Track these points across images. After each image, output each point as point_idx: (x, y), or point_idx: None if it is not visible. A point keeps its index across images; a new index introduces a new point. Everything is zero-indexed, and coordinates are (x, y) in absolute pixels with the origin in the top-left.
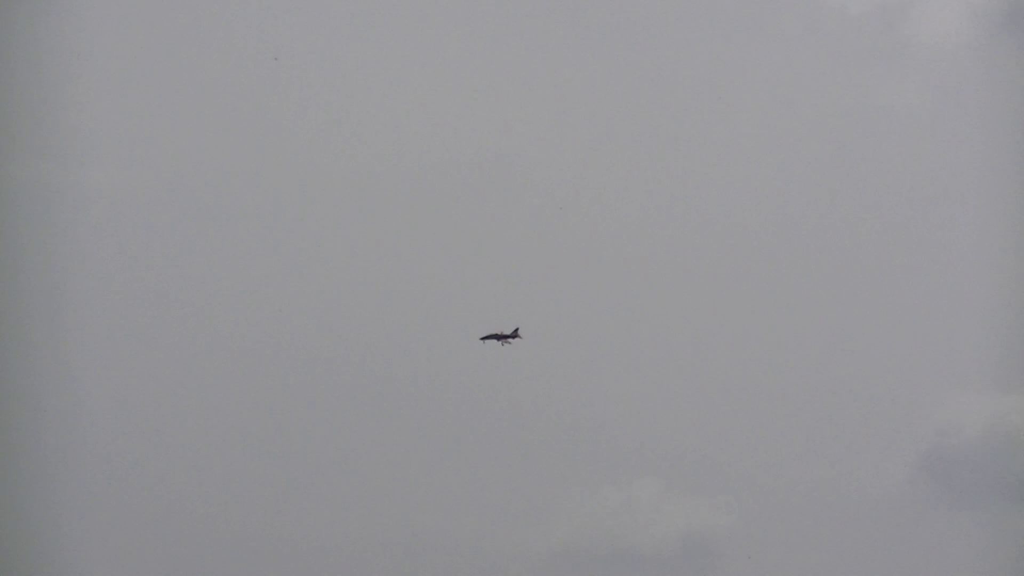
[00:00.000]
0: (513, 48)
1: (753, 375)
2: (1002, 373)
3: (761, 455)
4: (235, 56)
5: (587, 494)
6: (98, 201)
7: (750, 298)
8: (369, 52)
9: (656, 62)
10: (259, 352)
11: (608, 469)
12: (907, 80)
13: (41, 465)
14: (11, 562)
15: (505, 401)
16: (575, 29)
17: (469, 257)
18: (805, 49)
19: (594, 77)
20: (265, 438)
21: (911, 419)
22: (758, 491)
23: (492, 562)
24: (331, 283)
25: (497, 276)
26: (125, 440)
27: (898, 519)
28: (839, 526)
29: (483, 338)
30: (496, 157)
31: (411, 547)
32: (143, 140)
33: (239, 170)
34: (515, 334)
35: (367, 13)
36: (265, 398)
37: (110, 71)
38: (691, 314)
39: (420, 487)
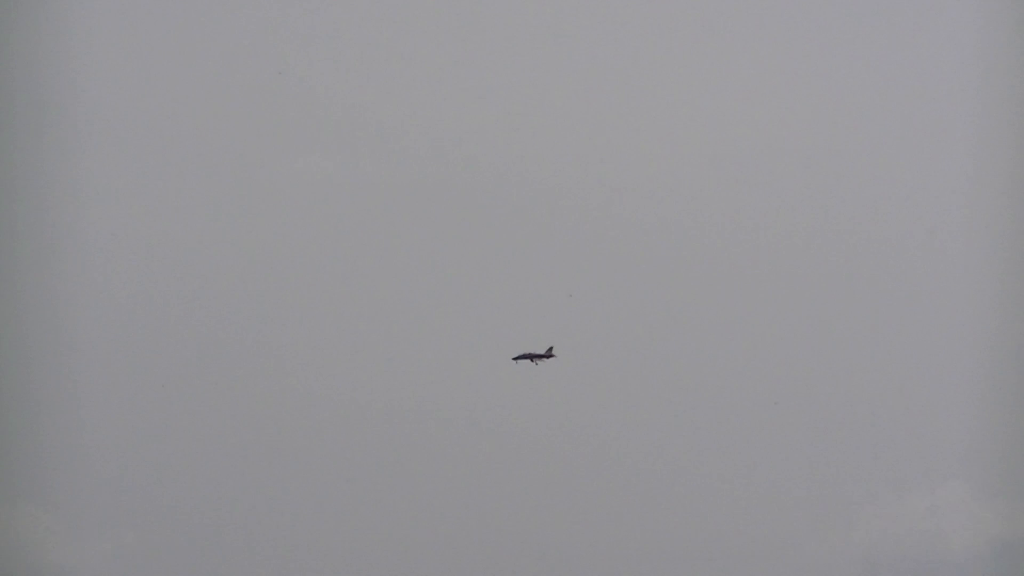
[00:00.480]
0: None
1: None
2: None
3: None
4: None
5: (891, 499)
6: (101, 205)
7: None
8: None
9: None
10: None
11: (912, 473)
12: None
13: (41, 465)
14: (13, 561)
15: (806, 402)
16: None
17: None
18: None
19: (655, 79)
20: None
21: None
22: None
23: (792, 569)
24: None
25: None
26: (125, 443)
27: None
28: None
29: (515, 358)
30: (532, 167)
31: (712, 549)
32: (153, 148)
33: (244, 179)
34: (549, 354)
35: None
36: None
37: (118, 74)
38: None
39: (722, 489)
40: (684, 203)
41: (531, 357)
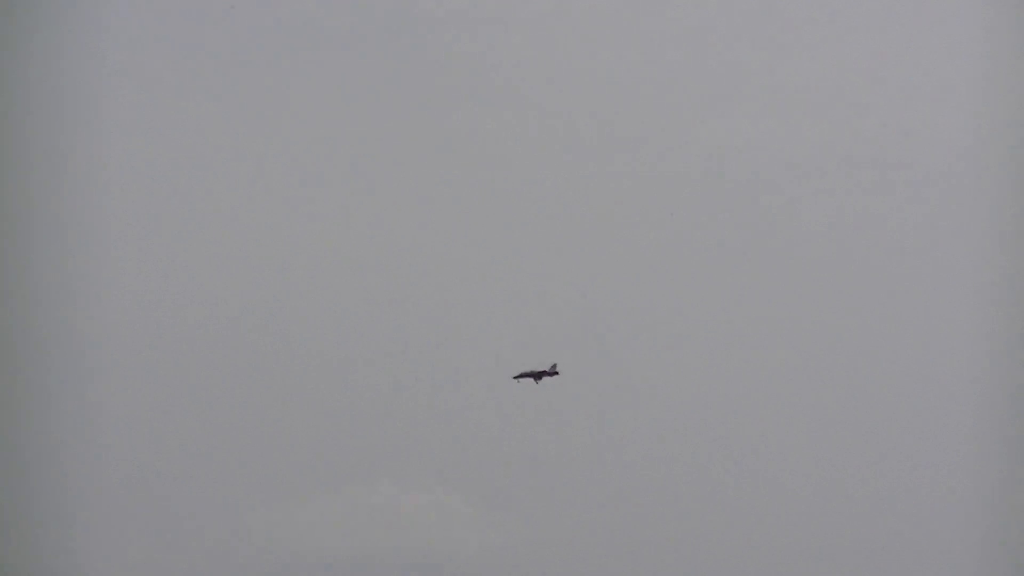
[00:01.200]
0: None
1: None
2: None
3: None
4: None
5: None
6: (112, 200)
7: None
8: None
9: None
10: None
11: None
12: None
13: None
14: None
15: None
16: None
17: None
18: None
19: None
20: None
21: None
22: None
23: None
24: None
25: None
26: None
27: None
28: None
29: (516, 377)
30: (538, 172)
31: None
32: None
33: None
34: (552, 371)
35: None
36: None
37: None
38: None
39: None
40: (693, 210)
41: (533, 375)
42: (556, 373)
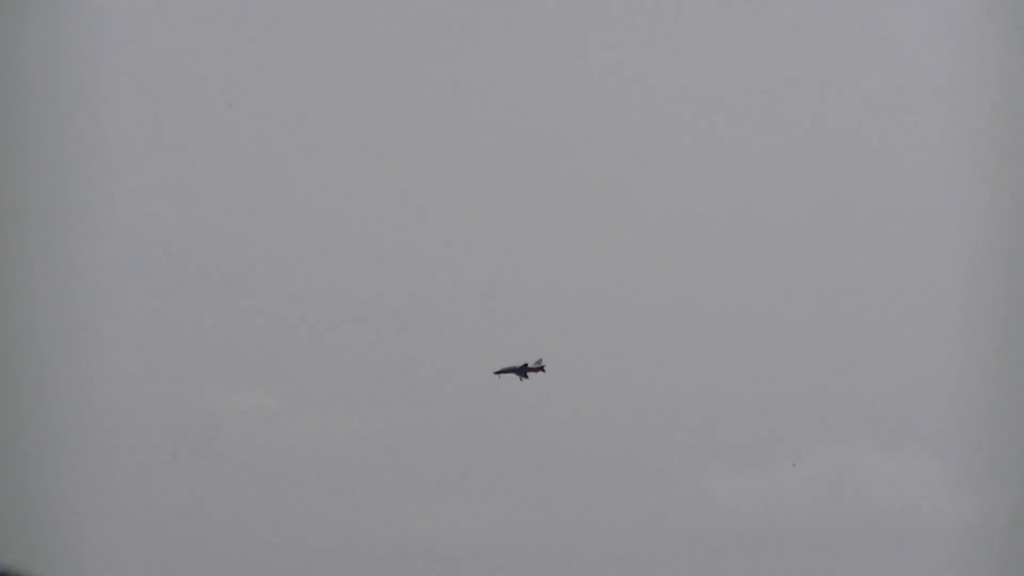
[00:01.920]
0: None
1: None
2: None
3: None
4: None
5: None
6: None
7: None
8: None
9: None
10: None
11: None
12: None
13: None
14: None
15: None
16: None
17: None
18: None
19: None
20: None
21: None
22: None
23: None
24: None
25: None
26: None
27: None
28: None
29: (498, 372)
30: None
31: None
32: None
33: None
34: (538, 366)
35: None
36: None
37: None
38: None
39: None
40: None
41: (517, 371)
42: (542, 368)
